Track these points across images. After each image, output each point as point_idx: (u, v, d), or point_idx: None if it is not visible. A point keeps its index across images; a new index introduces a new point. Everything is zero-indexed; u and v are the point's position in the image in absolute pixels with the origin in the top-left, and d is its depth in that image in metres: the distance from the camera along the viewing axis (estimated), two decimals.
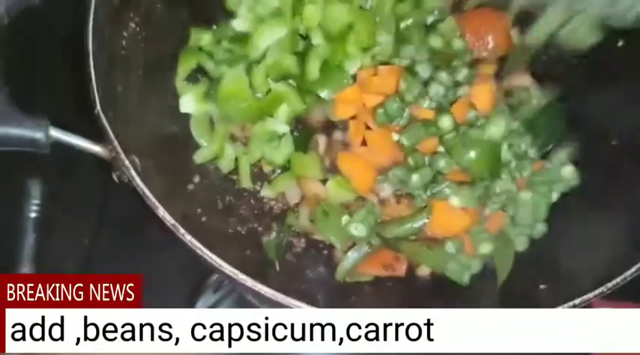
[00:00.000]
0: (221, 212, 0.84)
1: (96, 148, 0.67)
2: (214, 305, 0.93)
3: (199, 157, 0.86)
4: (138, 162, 0.70)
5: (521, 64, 0.89)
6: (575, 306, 0.67)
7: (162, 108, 0.86)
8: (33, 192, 0.97)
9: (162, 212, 0.64)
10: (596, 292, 0.65)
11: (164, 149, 0.82)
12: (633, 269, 0.68)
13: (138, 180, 0.65)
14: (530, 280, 0.78)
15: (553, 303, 0.69)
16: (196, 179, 0.85)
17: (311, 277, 0.82)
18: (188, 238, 0.64)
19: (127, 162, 0.65)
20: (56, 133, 0.66)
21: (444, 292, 0.81)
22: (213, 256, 0.64)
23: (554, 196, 0.82)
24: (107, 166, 0.71)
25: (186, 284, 0.93)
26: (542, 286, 0.76)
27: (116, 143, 0.66)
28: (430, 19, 0.91)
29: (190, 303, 0.91)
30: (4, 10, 0.68)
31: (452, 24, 0.90)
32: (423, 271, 0.83)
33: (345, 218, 0.81)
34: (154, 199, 0.64)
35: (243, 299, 0.88)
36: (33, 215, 0.98)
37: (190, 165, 0.85)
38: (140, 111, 0.81)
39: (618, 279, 0.67)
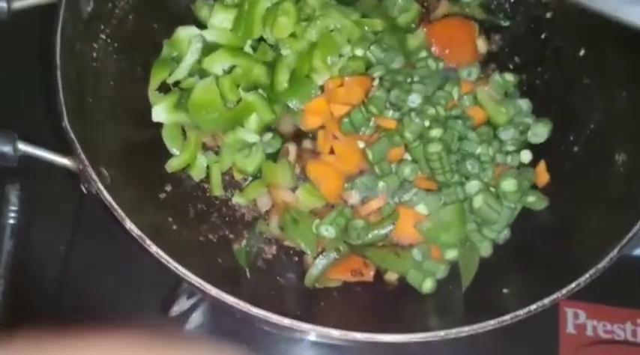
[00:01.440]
0: (192, 220, 0.86)
1: (64, 161, 0.68)
2: (188, 312, 0.94)
3: (171, 166, 0.87)
4: (107, 173, 0.72)
5: None
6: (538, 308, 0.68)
7: (133, 118, 0.87)
8: (11, 198, 0.98)
9: (129, 224, 0.65)
10: (553, 297, 0.67)
11: (135, 159, 0.83)
12: (592, 271, 0.70)
13: (105, 194, 0.66)
14: (493, 284, 0.80)
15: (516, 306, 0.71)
16: (168, 188, 0.86)
17: (281, 283, 0.84)
18: (154, 249, 0.65)
19: (94, 175, 0.66)
20: (24, 147, 0.67)
21: (411, 296, 0.83)
22: (178, 266, 0.65)
23: (520, 206, 0.84)
24: (76, 177, 0.72)
25: (161, 290, 0.94)
26: (504, 290, 0.78)
27: (83, 156, 0.67)
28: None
29: (165, 309, 0.92)
30: None
31: (421, 37, 0.92)
32: (391, 276, 0.85)
33: (315, 221, 0.83)
34: (120, 211, 0.65)
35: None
36: (11, 221, 0.98)
37: (162, 174, 0.87)
38: (111, 121, 0.82)
39: (580, 280, 0.69)
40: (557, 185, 0.87)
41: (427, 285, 0.82)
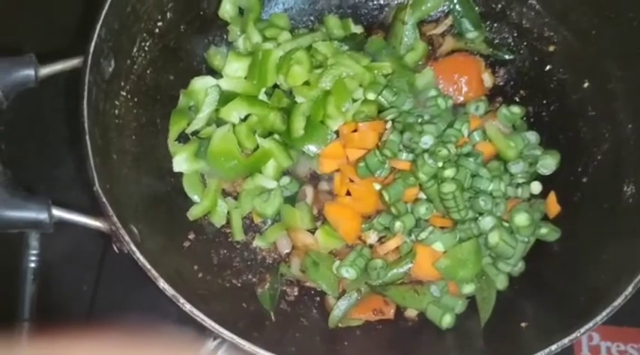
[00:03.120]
0: (216, 266, 0.88)
1: (97, 224, 0.71)
2: (214, 351, 0.96)
3: (193, 214, 0.90)
4: (136, 231, 0.74)
5: None
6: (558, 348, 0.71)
7: (154, 169, 0.90)
8: (31, 242, 1.00)
9: (162, 284, 0.68)
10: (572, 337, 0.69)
11: (159, 210, 0.86)
12: (608, 310, 0.72)
13: (138, 255, 0.69)
14: (511, 318, 0.82)
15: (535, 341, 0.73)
16: (191, 236, 0.89)
17: (305, 324, 0.86)
18: (188, 308, 0.67)
19: (127, 237, 0.69)
20: (59, 212, 0.70)
21: (431, 332, 0.85)
22: (208, 320, 0.68)
23: (533, 238, 0.87)
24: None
25: (189, 331, 0.96)
26: (523, 324, 0.81)
27: (115, 219, 0.70)
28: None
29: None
30: (2, 94, 0.72)
31: (429, 75, 0.95)
32: (411, 313, 0.88)
33: (336, 263, 0.86)
34: (154, 272, 0.68)
35: None
36: (32, 265, 1.01)
37: (185, 223, 0.89)
38: (134, 175, 0.85)
39: (597, 319, 0.71)
40: (568, 216, 0.90)
41: (446, 320, 0.84)
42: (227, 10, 0.96)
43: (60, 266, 0.99)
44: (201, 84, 0.93)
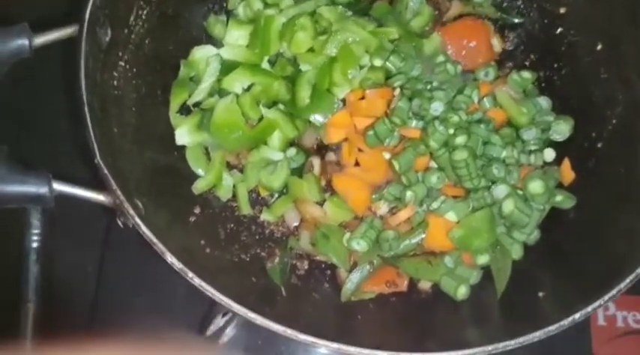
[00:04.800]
0: (224, 241, 0.86)
1: (100, 197, 0.69)
2: (223, 328, 0.95)
3: (197, 188, 0.87)
4: (140, 205, 0.72)
5: None
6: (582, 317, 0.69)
7: (157, 143, 0.87)
8: (33, 221, 0.97)
9: (169, 258, 0.66)
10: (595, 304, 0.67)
11: (163, 184, 0.84)
12: (632, 276, 0.70)
13: (144, 228, 0.66)
14: (528, 288, 0.80)
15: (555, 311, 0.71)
16: (197, 210, 0.86)
17: (317, 298, 0.84)
18: (197, 281, 0.65)
19: (131, 210, 0.67)
20: (59, 186, 0.67)
21: (446, 304, 0.84)
22: (220, 295, 0.66)
23: (548, 206, 0.85)
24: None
25: (197, 309, 0.94)
26: (540, 294, 0.79)
27: (119, 192, 0.67)
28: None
29: (201, 328, 0.93)
30: None
31: (437, 41, 0.92)
32: (424, 285, 0.85)
33: (346, 235, 0.84)
34: (161, 246, 0.66)
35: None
36: (34, 245, 0.98)
37: (190, 197, 0.87)
38: (136, 148, 0.82)
39: (621, 286, 0.69)
40: (583, 182, 0.87)
41: (461, 291, 0.82)
42: None
43: (63, 246, 0.97)
44: (202, 53, 0.90)
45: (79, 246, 1.00)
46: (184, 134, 0.87)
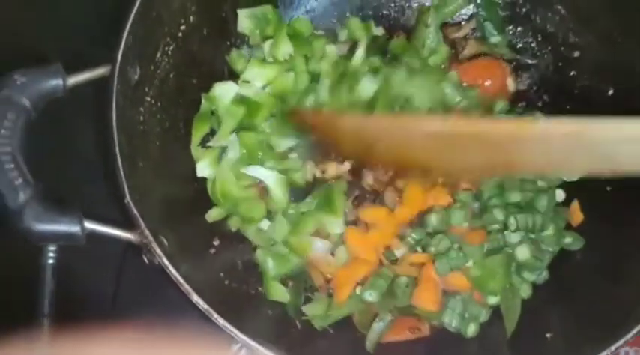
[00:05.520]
0: (241, 272, 0.88)
1: (129, 236, 0.71)
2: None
3: (211, 216, 0.89)
4: (166, 242, 0.74)
5: None
6: None
7: (178, 175, 0.89)
8: None
9: (195, 298, 0.68)
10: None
11: (184, 216, 0.86)
12: None
13: (171, 269, 0.68)
14: (536, 328, 0.83)
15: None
16: (216, 241, 0.89)
17: (331, 333, 0.86)
18: (221, 322, 0.67)
19: (159, 250, 0.69)
20: (90, 225, 0.69)
21: (454, 340, 0.86)
22: (242, 336, 0.68)
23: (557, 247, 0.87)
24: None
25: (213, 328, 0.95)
26: (548, 335, 0.81)
27: (147, 232, 0.69)
28: None
29: None
30: (30, 105, 0.71)
31: (455, 78, 0.94)
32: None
33: (358, 289, 0.85)
34: (187, 286, 0.68)
35: None
36: (50, 261, 1.00)
37: (209, 229, 0.89)
38: (159, 181, 0.84)
39: (627, 337, 0.71)
40: (591, 224, 0.90)
41: (471, 329, 0.85)
42: (245, 25, 0.95)
43: (80, 263, 0.99)
44: (222, 90, 0.91)
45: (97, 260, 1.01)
46: (205, 167, 0.90)
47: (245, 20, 0.95)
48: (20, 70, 0.71)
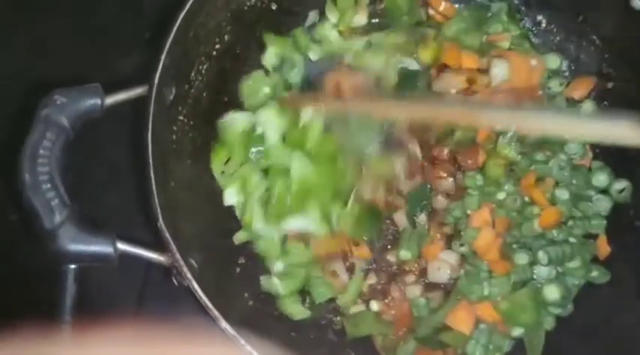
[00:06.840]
0: (264, 293, 0.89)
1: (160, 258, 0.71)
2: None
3: (238, 238, 0.89)
4: (195, 263, 0.75)
5: None
6: None
7: (206, 193, 0.89)
8: None
9: (224, 324, 0.68)
10: None
11: (211, 236, 0.86)
12: None
13: (200, 293, 0.69)
14: None
15: None
16: (241, 260, 0.89)
17: None
18: (249, 349, 0.68)
19: (189, 274, 0.69)
20: (123, 246, 0.70)
21: None
22: None
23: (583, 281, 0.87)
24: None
25: None
26: None
27: (178, 256, 0.70)
28: None
29: None
30: (68, 124, 0.72)
31: None
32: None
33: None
34: (216, 312, 0.68)
35: None
36: (72, 266, 1.01)
37: (235, 248, 0.89)
38: (189, 201, 0.84)
39: None
40: (618, 258, 0.89)
41: None
42: (269, 60, 0.95)
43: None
44: (233, 119, 0.91)
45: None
46: (233, 195, 0.90)
47: (272, 56, 0.95)
48: (60, 89, 0.72)
